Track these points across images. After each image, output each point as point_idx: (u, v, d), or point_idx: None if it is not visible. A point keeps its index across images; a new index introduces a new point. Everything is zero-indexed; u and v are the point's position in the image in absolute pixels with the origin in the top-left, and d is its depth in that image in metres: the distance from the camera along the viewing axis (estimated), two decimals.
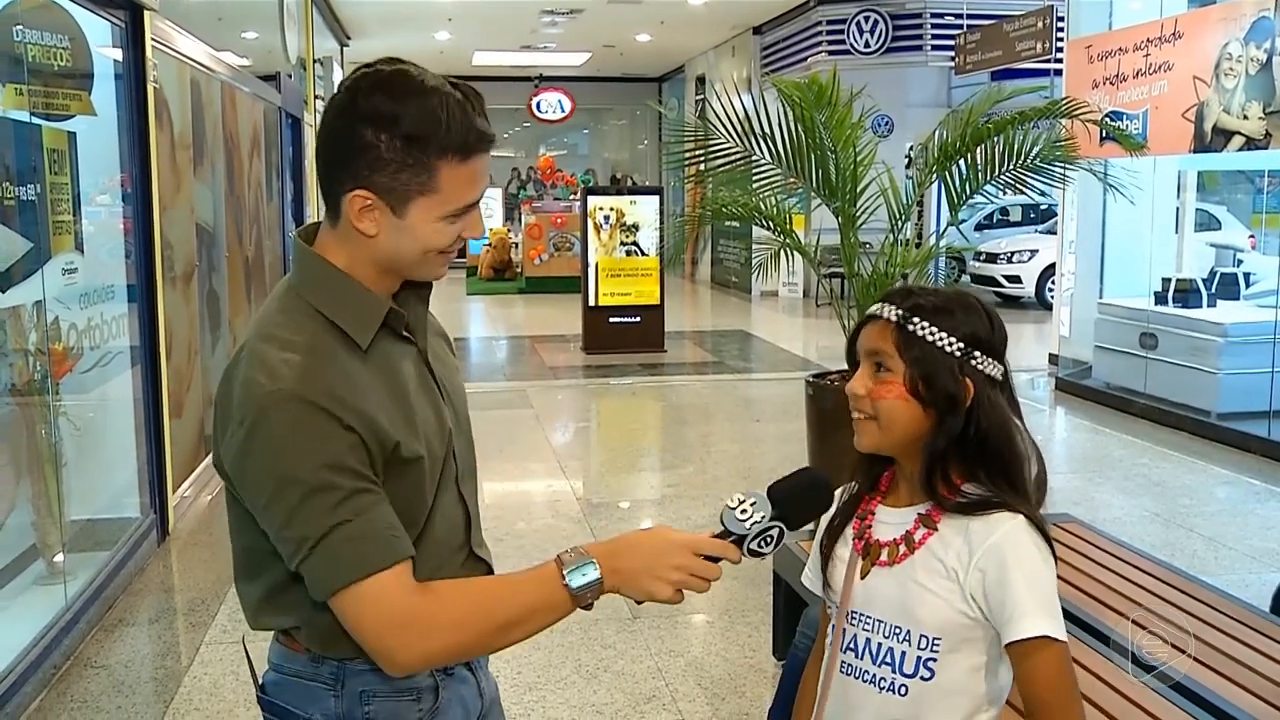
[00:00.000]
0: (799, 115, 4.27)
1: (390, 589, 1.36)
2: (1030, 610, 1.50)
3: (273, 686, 1.54)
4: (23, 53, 4.07)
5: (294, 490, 1.34)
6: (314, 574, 1.36)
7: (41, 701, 3.73)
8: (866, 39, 14.24)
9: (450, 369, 1.64)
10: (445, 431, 1.53)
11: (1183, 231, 9.14)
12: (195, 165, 6.29)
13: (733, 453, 7.16)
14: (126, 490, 5.27)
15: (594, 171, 23.47)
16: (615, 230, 11.38)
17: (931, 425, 1.57)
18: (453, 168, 1.41)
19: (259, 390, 1.36)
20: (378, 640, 1.37)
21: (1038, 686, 1.52)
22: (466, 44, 17.71)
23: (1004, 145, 4.36)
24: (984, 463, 1.58)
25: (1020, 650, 1.51)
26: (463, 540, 1.58)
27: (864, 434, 1.62)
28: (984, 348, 1.59)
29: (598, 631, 4.21)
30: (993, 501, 1.56)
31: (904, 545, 1.59)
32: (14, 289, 3.97)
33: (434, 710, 1.53)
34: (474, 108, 1.43)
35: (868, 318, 1.65)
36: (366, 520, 1.36)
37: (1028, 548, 1.54)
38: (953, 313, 1.59)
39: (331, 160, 1.43)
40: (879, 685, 1.59)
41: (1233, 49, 7.18)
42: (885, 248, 4.38)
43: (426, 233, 1.44)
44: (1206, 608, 3.11)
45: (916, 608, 1.56)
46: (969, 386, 1.56)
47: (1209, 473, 6.65)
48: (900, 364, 1.57)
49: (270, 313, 1.47)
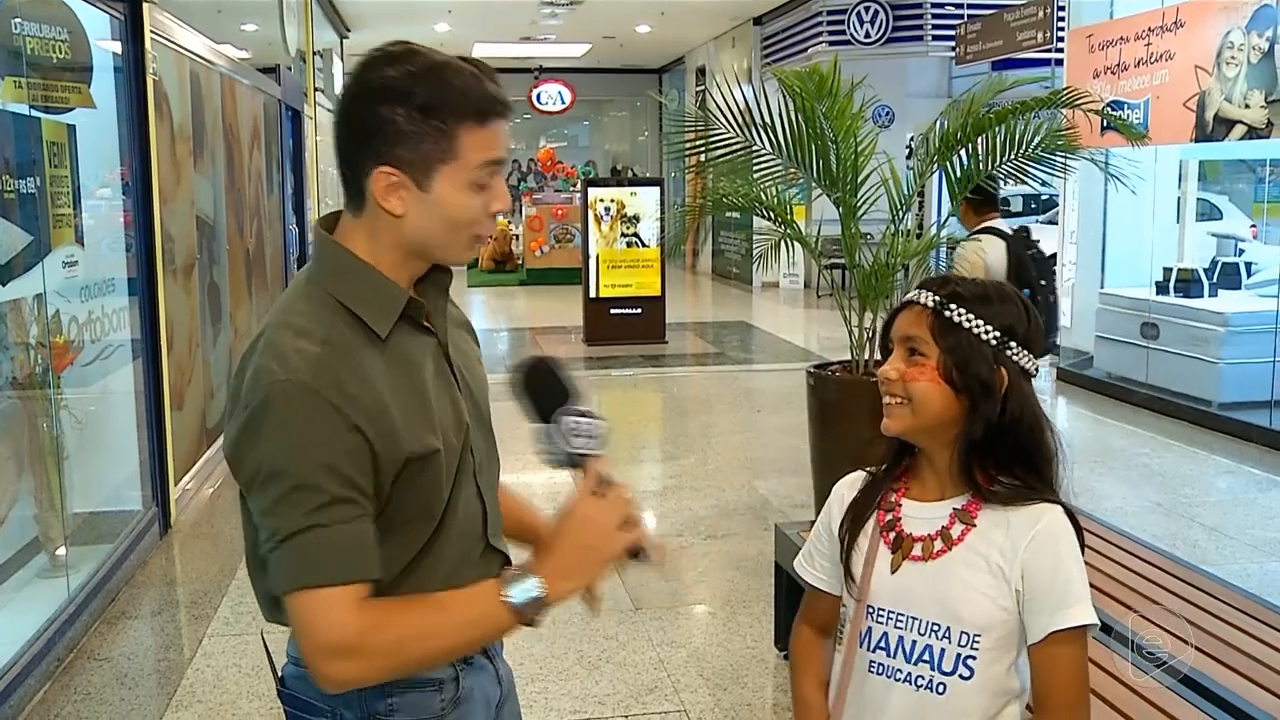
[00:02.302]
0: (800, 105, 4.26)
1: (340, 605, 1.34)
2: (1079, 599, 1.51)
3: (293, 680, 1.53)
4: (21, 45, 4.06)
5: (283, 482, 1.34)
6: (277, 566, 1.36)
7: (45, 693, 3.74)
8: (867, 29, 14.21)
9: (471, 359, 1.63)
10: (462, 425, 1.52)
11: (1184, 221, 9.13)
12: (195, 158, 6.28)
13: (734, 443, 7.16)
14: (128, 483, 5.28)
15: (594, 163, 23.47)
16: (616, 222, 11.37)
17: (963, 413, 1.56)
18: (471, 132, 1.42)
19: (269, 378, 1.35)
20: (313, 654, 1.36)
21: (1064, 679, 1.51)
22: (466, 35, 17.66)
23: (1006, 135, 4.34)
24: (1016, 454, 1.57)
25: (1059, 640, 1.50)
26: (480, 532, 1.57)
27: (894, 418, 1.60)
28: (1019, 339, 1.58)
29: (599, 623, 4.22)
30: (1031, 493, 1.56)
31: (940, 541, 1.57)
32: (14, 282, 3.97)
33: (456, 700, 1.53)
34: (487, 76, 1.45)
35: (904, 304, 1.63)
36: (342, 531, 1.35)
37: (1071, 538, 1.54)
38: (990, 302, 1.58)
39: (351, 142, 1.43)
40: (915, 684, 1.56)
41: (1234, 38, 7.16)
42: (886, 238, 4.37)
43: (454, 204, 1.43)
44: (1208, 597, 3.11)
45: (959, 605, 1.54)
46: (1003, 375, 1.55)
47: (1210, 462, 6.65)
48: (935, 349, 1.56)
49: (290, 301, 1.47)
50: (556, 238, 17.01)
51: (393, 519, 1.42)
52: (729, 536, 5.26)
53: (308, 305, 1.44)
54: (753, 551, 5.02)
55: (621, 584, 4.61)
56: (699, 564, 4.92)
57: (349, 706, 1.48)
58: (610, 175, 22.14)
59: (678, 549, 5.06)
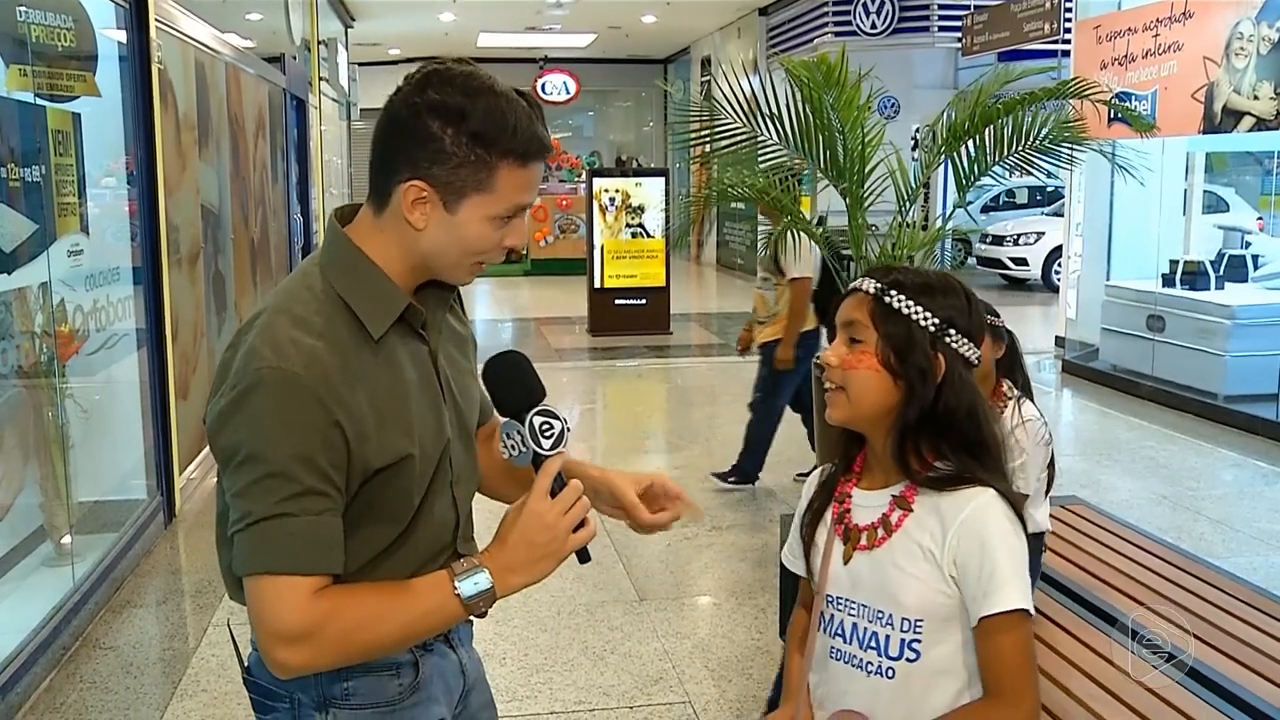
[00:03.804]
0: (807, 95, 4.24)
1: (296, 594, 1.36)
2: (1005, 583, 1.50)
3: (256, 667, 1.56)
4: (27, 33, 4.05)
5: (259, 467, 1.35)
6: (241, 548, 1.38)
7: (51, 681, 3.75)
8: (873, 20, 14.16)
9: (464, 373, 1.64)
10: (442, 436, 1.53)
11: (1190, 213, 9.10)
12: (200, 147, 6.28)
13: (738, 434, 7.14)
14: (133, 472, 5.28)
15: (599, 153, 23.43)
16: (621, 212, 11.36)
17: (901, 398, 1.57)
18: (511, 170, 1.43)
19: (260, 362, 1.37)
20: (266, 639, 1.39)
21: (1006, 663, 1.51)
22: (471, 26, 17.62)
23: (1013, 126, 4.32)
24: (951, 440, 1.58)
25: (991, 625, 1.50)
26: (448, 541, 1.59)
27: (834, 406, 1.63)
28: (960, 328, 1.59)
29: (604, 614, 4.22)
30: (963, 477, 1.56)
31: (881, 529, 1.60)
32: (20, 270, 3.97)
33: (414, 684, 1.55)
34: (538, 116, 1.45)
35: (848, 290, 1.66)
36: (310, 522, 1.37)
37: (1000, 521, 1.54)
38: (932, 291, 1.60)
39: (392, 148, 1.43)
40: (866, 669, 1.59)
41: (1244, 28, 7.12)
42: (893, 229, 4.36)
43: (474, 232, 1.45)
44: (1214, 590, 3.11)
45: (896, 590, 1.56)
46: (940, 362, 1.57)
47: (1216, 455, 6.64)
48: (874, 335, 1.58)
49: (293, 287, 1.47)
50: (561, 228, 16.99)
51: (358, 518, 1.44)
52: (734, 528, 5.26)
53: (309, 295, 1.45)
54: (757, 543, 5.02)
55: (627, 575, 4.61)
56: (704, 555, 4.92)
57: (305, 691, 1.51)
58: (615, 166, 22.12)
59: (682, 540, 5.06)
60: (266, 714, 1.55)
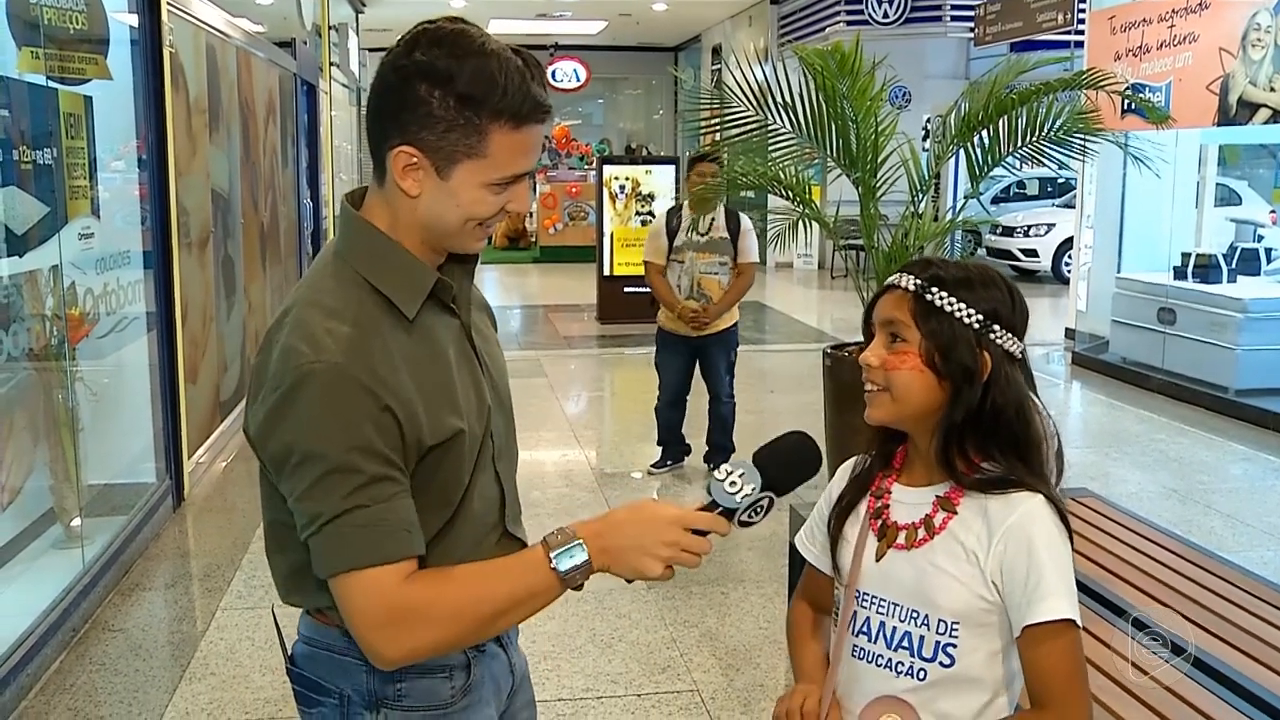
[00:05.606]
0: (821, 84, 4.22)
1: (387, 584, 1.33)
2: (1053, 592, 1.45)
3: (303, 659, 1.52)
4: (39, 16, 4.05)
5: (317, 465, 1.31)
6: (319, 551, 1.34)
7: (61, 663, 3.77)
8: (885, 9, 14.10)
9: (491, 342, 1.61)
10: (484, 409, 1.50)
11: (1203, 206, 9.05)
12: (211, 131, 6.27)
13: (748, 424, 7.14)
14: (142, 456, 5.30)
15: (609, 141, 23.38)
16: (630, 200, 11.33)
17: (946, 398, 1.52)
18: (504, 133, 1.37)
19: (299, 359, 1.32)
20: (366, 632, 1.34)
21: (1051, 674, 1.46)
22: (481, 12, 17.57)
23: (1027, 117, 4.30)
24: (999, 440, 1.52)
25: (1037, 634, 1.45)
26: (497, 519, 1.55)
27: (876, 406, 1.57)
28: (1003, 323, 1.53)
29: (612, 601, 4.22)
30: (1011, 480, 1.51)
31: (923, 529, 1.54)
32: (31, 253, 3.97)
33: (466, 687, 1.52)
34: (533, 75, 1.39)
35: (885, 288, 1.60)
36: (383, 509, 1.32)
37: (1048, 528, 1.49)
38: (973, 285, 1.54)
39: (381, 113, 1.39)
40: (896, 670, 1.55)
41: (1261, 19, 7.08)
42: (905, 219, 4.35)
43: (469, 199, 1.40)
44: (1225, 584, 3.09)
45: (935, 592, 1.51)
46: (986, 360, 1.51)
47: (1227, 449, 6.61)
48: (916, 334, 1.52)
49: (317, 278, 1.44)
50: (570, 215, 16.96)
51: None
52: None
53: (336, 284, 1.41)
54: (766, 531, 5.00)
55: None
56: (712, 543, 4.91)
57: (357, 689, 1.47)
58: (625, 153, 22.07)
59: None
60: (312, 708, 1.51)
